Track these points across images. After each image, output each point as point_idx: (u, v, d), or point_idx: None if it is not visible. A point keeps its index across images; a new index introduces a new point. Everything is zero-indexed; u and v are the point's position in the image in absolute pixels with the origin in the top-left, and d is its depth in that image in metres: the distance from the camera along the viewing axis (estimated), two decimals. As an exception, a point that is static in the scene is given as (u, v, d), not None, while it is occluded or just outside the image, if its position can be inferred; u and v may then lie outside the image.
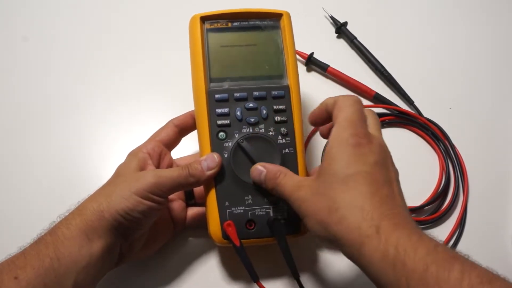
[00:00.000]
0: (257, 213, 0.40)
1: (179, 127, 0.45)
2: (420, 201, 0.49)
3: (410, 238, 0.29)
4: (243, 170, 0.40)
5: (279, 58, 0.44)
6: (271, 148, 0.41)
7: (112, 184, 0.39)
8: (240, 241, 0.39)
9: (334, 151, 0.34)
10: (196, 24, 0.44)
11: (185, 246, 0.47)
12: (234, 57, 0.44)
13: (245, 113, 0.42)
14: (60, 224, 0.36)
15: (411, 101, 0.57)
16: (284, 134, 0.42)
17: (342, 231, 0.31)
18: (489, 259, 0.33)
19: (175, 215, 0.44)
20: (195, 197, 0.46)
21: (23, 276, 0.32)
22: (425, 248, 0.29)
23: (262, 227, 0.40)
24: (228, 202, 0.40)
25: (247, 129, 0.41)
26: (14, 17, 0.65)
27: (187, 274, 0.45)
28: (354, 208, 0.32)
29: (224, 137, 0.41)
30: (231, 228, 0.39)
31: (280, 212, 0.40)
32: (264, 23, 0.45)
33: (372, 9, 0.67)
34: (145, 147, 0.42)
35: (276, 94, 0.43)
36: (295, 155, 0.42)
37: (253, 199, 0.40)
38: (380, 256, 0.29)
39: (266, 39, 0.45)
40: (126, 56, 0.61)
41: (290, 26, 0.45)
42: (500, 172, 0.53)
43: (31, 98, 0.58)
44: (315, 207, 0.34)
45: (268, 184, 0.38)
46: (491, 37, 0.64)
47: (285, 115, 0.42)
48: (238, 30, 0.45)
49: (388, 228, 0.30)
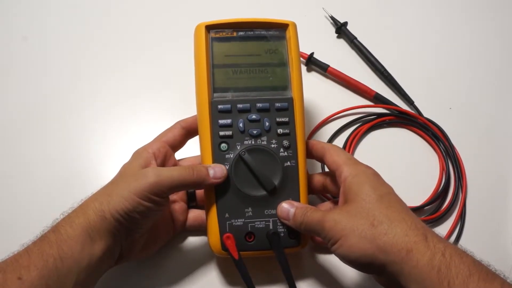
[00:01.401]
0: (256, 226, 0.40)
1: (186, 129, 0.44)
2: (420, 201, 0.50)
3: (456, 248, 0.33)
4: (244, 183, 0.40)
5: (283, 70, 0.44)
6: (273, 161, 0.41)
7: (114, 183, 0.39)
8: (239, 254, 0.39)
9: (358, 180, 0.38)
10: (201, 32, 0.43)
11: (184, 246, 0.47)
12: (239, 67, 0.43)
13: (248, 125, 0.42)
14: (64, 222, 0.36)
15: (411, 101, 0.57)
16: (286, 147, 0.42)
17: (391, 239, 0.34)
18: (489, 259, 0.33)
19: (176, 217, 0.44)
20: (197, 200, 0.46)
21: (27, 277, 0.32)
22: (469, 258, 0.32)
23: (261, 240, 0.40)
24: (228, 214, 0.40)
25: (249, 141, 0.41)
26: (14, 17, 0.65)
27: (186, 274, 0.45)
28: (397, 220, 0.35)
29: (226, 149, 0.41)
30: (230, 241, 0.39)
31: (280, 225, 0.40)
32: (269, 33, 0.45)
33: (372, 9, 0.67)
34: (151, 147, 0.42)
35: (280, 106, 0.42)
36: (296, 168, 0.41)
37: (253, 212, 0.40)
38: (427, 260, 0.32)
39: (271, 50, 0.44)
40: (126, 56, 0.61)
41: (296, 37, 0.45)
42: (500, 172, 0.53)
43: (30, 98, 0.57)
44: (354, 224, 0.35)
45: (296, 220, 0.39)
46: (491, 37, 0.64)
47: (288, 127, 0.42)
48: (243, 39, 0.44)
49: (435, 237, 0.34)
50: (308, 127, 0.55)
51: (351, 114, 0.56)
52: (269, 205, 0.40)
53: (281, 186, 0.41)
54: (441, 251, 0.32)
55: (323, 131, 0.55)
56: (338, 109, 0.56)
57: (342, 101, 0.57)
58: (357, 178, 0.38)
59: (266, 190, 0.40)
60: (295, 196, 0.41)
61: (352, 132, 0.54)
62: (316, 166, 0.52)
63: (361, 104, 0.57)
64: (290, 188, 0.41)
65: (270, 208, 0.40)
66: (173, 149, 0.44)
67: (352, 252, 0.35)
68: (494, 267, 0.33)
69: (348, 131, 0.55)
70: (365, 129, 0.54)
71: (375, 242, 0.34)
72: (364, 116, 0.56)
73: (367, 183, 0.38)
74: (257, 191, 0.40)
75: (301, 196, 0.41)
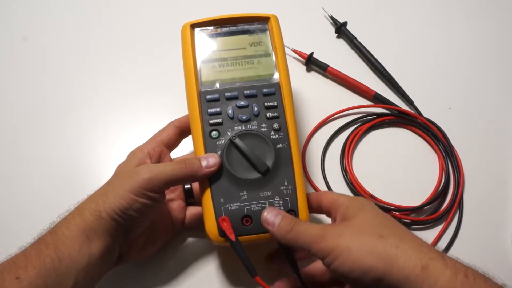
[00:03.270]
0: (253, 208, 0.40)
1: (179, 128, 0.45)
2: (419, 201, 0.49)
3: (476, 270, 0.30)
4: (237, 167, 0.40)
5: (268, 59, 0.45)
6: (264, 144, 0.41)
7: (110, 184, 0.39)
8: (236, 236, 0.39)
9: (358, 203, 0.36)
10: (186, 31, 0.45)
11: (184, 246, 0.47)
12: (225, 61, 0.45)
13: (237, 111, 0.42)
14: (60, 224, 0.36)
15: (410, 101, 0.57)
16: (277, 130, 0.42)
17: (404, 253, 0.30)
18: (488, 259, 0.33)
19: (174, 215, 0.45)
20: (195, 197, 0.46)
21: (25, 276, 0.32)
22: (493, 283, 0.30)
23: (258, 223, 0.39)
24: (223, 199, 0.40)
25: (240, 127, 0.42)
26: (14, 17, 0.65)
27: (186, 274, 0.45)
28: (407, 236, 0.32)
29: (217, 136, 0.41)
30: (226, 223, 0.39)
31: (277, 205, 0.40)
32: (252, 27, 0.46)
33: (372, 9, 0.67)
34: (146, 147, 0.43)
35: (267, 91, 0.43)
36: (289, 149, 0.42)
37: (249, 195, 0.40)
38: (447, 280, 0.29)
39: (255, 43, 0.46)
40: (126, 56, 0.61)
41: (278, 27, 0.46)
42: (499, 172, 0.53)
43: (30, 98, 0.58)
44: (359, 237, 0.32)
45: (282, 229, 0.36)
46: (491, 38, 0.64)
47: (276, 111, 0.43)
48: (227, 35, 0.46)
49: (451, 258, 0.31)
50: (308, 127, 0.55)
51: (351, 114, 0.56)
52: (264, 187, 0.40)
53: (275, 167, 0.41)
54: (463, 271, 0.29)
55: (323, 131, 0.55)
56: (338, 109, 0.56)
57: (341, 101, 0.57)
58: (357, 201, 0.37)
59: (259, 172, 0.40)
60: (290, 177, 0.41)
61: (351, 132, 0.54)
62: (313, 152, 0.52)
63: (360, 104, 0.57)
64: (284, 169, 0.41)
65: (265, 190, 0.40)
66: (169, 149, 0.45)
67: (358, 267, 0.30)
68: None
69: (347, 131, 0.55)
70: (364, 129, 0.54)
71: (384, 255, 0.30)
72: (364, 116, 0.56)
73: (368, 205, 0.36)
74: (251, 174, 0.40)
75: (296, 177, 0.41)
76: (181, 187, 0.46)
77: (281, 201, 0.40)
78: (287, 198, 0.40)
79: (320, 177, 0.52)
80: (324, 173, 0.52)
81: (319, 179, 0.52)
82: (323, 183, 0.51)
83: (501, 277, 0.32)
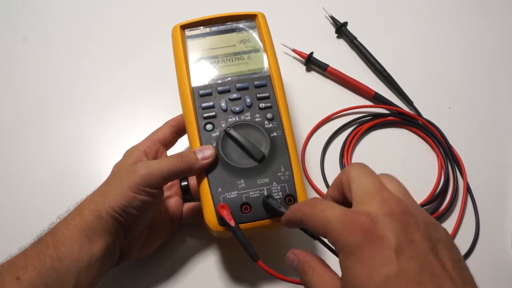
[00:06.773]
0: (251, 196, 0.40)
1: (175, 127, 0.46)
2: (419, 200, 0.49)
3: None
4: (233, 156, 0.41)
5: (258, 54, 0.46)
6: (259, 133, 0.42)
7: (108, 183, 0.39)
8: (235, 222, 0.38)
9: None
10: (177, 33, 0.46)
11: (183, 246, 0.47)
12: (216, 59, 0.46)
13: (230, 104, 0.43)
14: (60, 224, 0.37)
15: (410, 101, 0.57)
16: (270, 119, 0.43)
17: None
18: (488, 259, 0.33)
19: (172, 212, 0.45)
20: (192, 193, 0.46)
21: (25, 277, 0.32)
22: None
23: (257, 209, 0.39)
24: (221, 189, 0.40)
25: (233, 118, 0.43)
26: (14, 17, 0.65)
27: (186, 274, 0.45)
28: None
29: (211, 128, 0.42)
30: (225, 210, 0.39)
31: (275, 191, 0.40)
32: (240, 25, 0.48)
33: (372, 10, 0.67)
34: (142, 145, 0.43)
35: (258, 83, 0.44)
36: (283, 137, 0.42)
37: (246, 183, 0.40)
38: None
39: (244, 40, 0.47)
40: (126, 55, 0.62)
41: (265, 23, 0.47)
42: (499, 172, 0.53)
43: (30, 98, 0.58)
44: None
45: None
46: (490, 38, 0.64)
47: (269, 101, 0.43)
48: (217, 33, 0.47)
49: None
50: (308, 127, 0.55)
51: (351, 114, 0.56)
52: (261, 174, 0.40)
53: (270, 155, 0.41)
54: None
55: (322, 131, 0.55)
56: (338, 109, 0.56)
57: (341, 101, 0.57)
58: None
59: (255, 159, 0.41)
60: (286, 163, 0.41)
61: (351, 132, 0.54)
62: (313, 150, 0.53)
63: (360, 104, 0.57)
64: (281, 156, 0.41)
65: (262, 177, 0.40)
66: (165, 147, 0.45)
67: None
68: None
69: (347, 131, 0.55)
70: (364, 129, 0.54)
71: None
72: (364, 116, 0.56)
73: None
74: (247, 162, 0.41)
75: (292, 163, 0.41)
76: (178, 184, 0.46)
77: (279, 187, 0.40)
78: (285, 184, 0.40)
79: (320, 177, 0.52)
80: (324, 173, 0.52)
81: (318, 179, 0.52)
82: (323, 183, 0.51)
83: (501, 277, 0.32)
